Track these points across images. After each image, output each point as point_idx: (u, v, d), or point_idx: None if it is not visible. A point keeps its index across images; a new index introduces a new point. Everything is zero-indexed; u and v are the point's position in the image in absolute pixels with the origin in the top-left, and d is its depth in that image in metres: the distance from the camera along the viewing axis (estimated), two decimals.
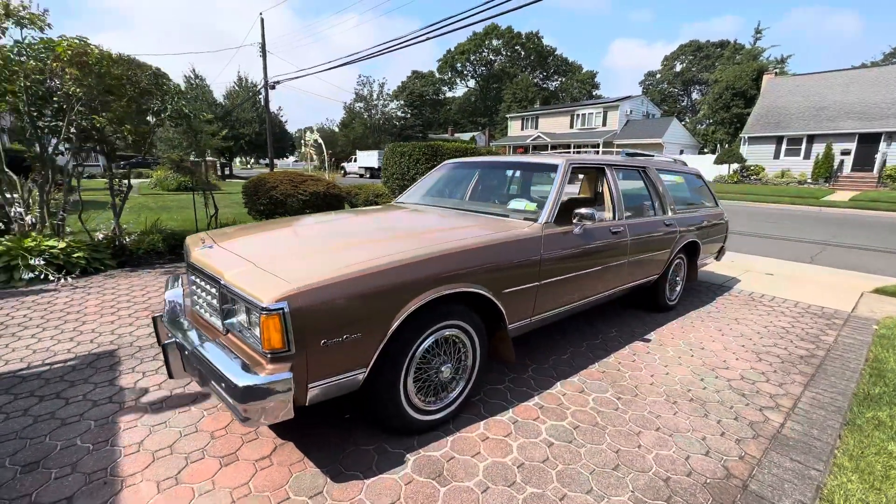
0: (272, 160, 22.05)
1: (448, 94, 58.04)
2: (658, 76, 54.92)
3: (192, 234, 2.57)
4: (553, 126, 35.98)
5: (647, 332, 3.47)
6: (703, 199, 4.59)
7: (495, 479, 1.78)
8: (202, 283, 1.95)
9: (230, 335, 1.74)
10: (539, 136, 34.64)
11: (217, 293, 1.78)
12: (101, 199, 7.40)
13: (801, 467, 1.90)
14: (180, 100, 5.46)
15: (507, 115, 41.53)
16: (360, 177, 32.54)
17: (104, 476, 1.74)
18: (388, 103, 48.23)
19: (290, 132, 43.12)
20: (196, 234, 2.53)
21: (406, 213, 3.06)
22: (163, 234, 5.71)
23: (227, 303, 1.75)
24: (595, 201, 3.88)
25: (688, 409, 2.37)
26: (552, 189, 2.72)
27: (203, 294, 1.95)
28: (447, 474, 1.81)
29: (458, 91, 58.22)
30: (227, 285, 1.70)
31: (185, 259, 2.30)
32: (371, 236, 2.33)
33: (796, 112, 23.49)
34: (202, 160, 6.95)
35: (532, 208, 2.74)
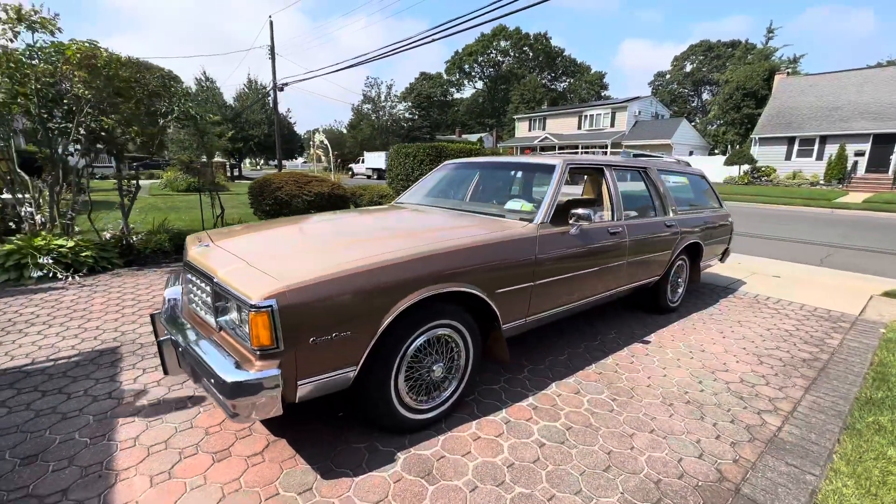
0: (280, 161, 22.25)
1: (456, 95, 58.13)
2: (668, 77, 54.41)
3: (193, 234, 2.61)
4: (561, 127, 35.84)
5: (647, 334, 3.44)
6: (707, 200, 4.54)
7: (484, 479, 1.79)
8: (197, 281, 1.98)
9: (223, 332, 1.77)
10: (546, 138, 34.52)
11: (210, 291, 1.81)
12: (113, 199, 7.53)
13: (796, 472, 1.88)
14: (187, 101, 5.55)
15: (515, 117, 41.46)
16: (368, 178, 32.70)
17: (99, 470, 1.77)
18: (395, 105, 48.46)
19: (298, 134, 43.50)
20: (196, 234, 2.57)
21: (403, 212, 3.07)
22: (169, 234, 5.79)
23: (219, 300, 1.78)
24: (596, 202, 3.86)
25: (684, 412, 2.34)
26: (548, 189, 2.72)
27: (198, 292, 1.98)
28: (436, 473, 1.81)
29: (466, 92, 58.32)
30: (219, 283, 1.73)
31: (183, 258, 2.33)
32: (365, 236, 2.35)
33: (809, 112, 23.12)
34: (210, 161, 7.06)
35: (528, 208, 2.73)
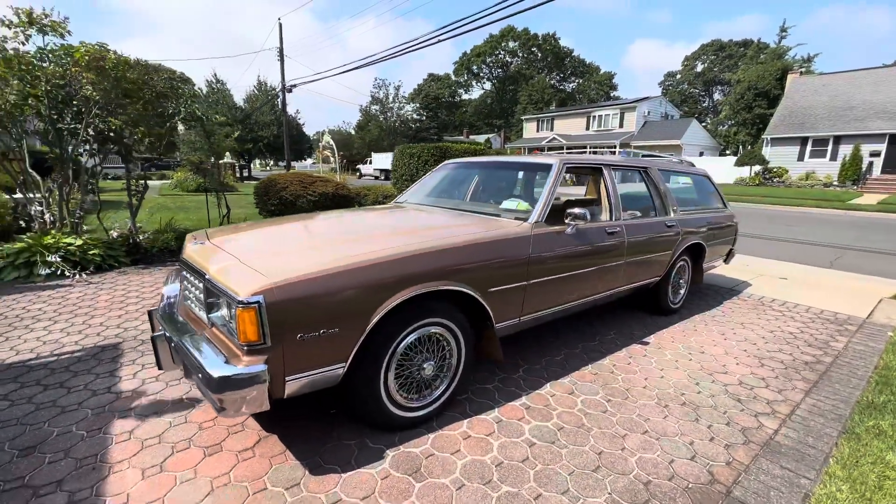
0: (289, 162, 22.47)
1: (464, 96, 58.14)
2: (678, 77, 53.83)
3: (192, 232, 2.65)
4: (569, 128, 35.66)
5: (646, 335, 3.41)
6: (711, 200, 4.48)
7: (471, 477, 1.78)
8: (191, 278, 2.01)
9: (214, 329, 1.79)
10: (554, 138, 34.36)
11: (203, 287, 1.83)
12: (123, 199, 7.68)
13: (790, 475, 1.85)
14: (193, 103, 5.64)
15: (523, 117, 41.33)
16: (376, 178, 32.83)
17: (94, 462, 1.81)
18: (403, 106, 48.59)
19: (308, 135, 43.85)
20: (194, 232, 2.61)
21: (400, 212, 3.08)
22: (176, 233, 5.88)
23: (211, 297, 1.80)
24: (596, 202, 3.83)
25: (679, 413, 2.32)
26: (544, 189, 2.71)
27: (192, 288, 2.01)
28: (424, 471, 1.82)
29: (474, 93, 58.29)
30: (210, 279, 1.76)
31: (180, 255, 2.37)
32: (358, 234, 2.36)
33: (822, 112, 22.71)
34: (216, 162, 7.16)
35: (524, 208, 2.73)
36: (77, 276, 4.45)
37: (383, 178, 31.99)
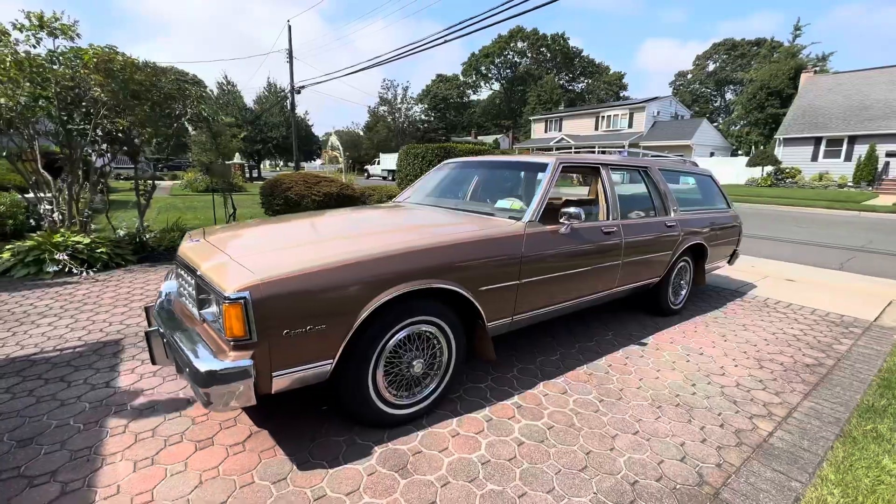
0: (297, 162, 22.67)
1: (472, 97, 58.09)
2: (689, 76, 53.22)
3: (191, 231, 2.70)
4: (577, 128, 35.45)
5: (644, 336, 3.38)
6: (714, 200, 4.42)
7: (457, 475, 1.79)
8: (185, 275, 2.04)
9: (205, 324, 1.82)
10: (563, 139, 34.18)
11: (194, 284, 1.87)
12: (134, 198, 7.83)
13: (781, 478, 1.82)
14: (199, 104, 5.72)
15: (531, 118, 41.18)
16: (384, 179, 32.98)
17: (88, 454, 1.85)
18: (411, 107, 48.72)
19: (317, 135, 44.23)
20: (193, 230, 2.65)
21: (397, 211, 3.10)
22: (182, 232, 5.98)
23: (202, 293, 1.83)
24: (595, 202, 3.81)
25: (672, 415, 2.29)
26: (539, 188, 2.71)
27: (185, 285, 2.04)
28: (410, 468, 1.82)
29: (483, 94, 58.21)
30: (201, 276, 1.79)
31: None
32: (351, 233, 2.38)
33: (836, 111, 22.27)
34: (224, 162, 7.26)
35: (518, 207, 2.72)
36: (84, 274, 4.54)
37: (391, 178, 32.11)
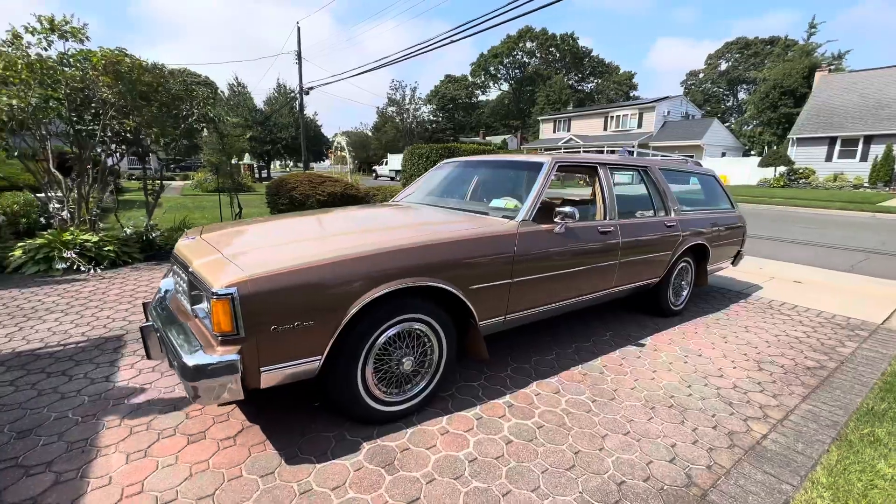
0: (306, 163, 22.86)
1: (481, 97, 58.03)
2: (701, 76, 52.54)
3: (190, 229, 2.74)
4: (586, 128, 35.22)
5: (643, 337, 3.35)
6: (717, 201, 4.37)
7: (443, 472, 1.80)
8: (179, 272, 2.08)
9: (197, 320, 1.86)
10: (571, 139, 33.98)
11: (187, 280, 1.90)
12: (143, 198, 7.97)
13: (772, 480, 1.79)
14: (206, 105, 5.81)
15: (539, 118, 41.01)
16: (392, 179, 33.08)
17: (84, 446, 1.89)
18: (419, 107, 48.80)
19: (326, 136, 44.51)
20: (191, 229, 2.70)
21: (393, 210, 3.12)
22: None
23: (194, 289, 1.87)
24: (593, 202, 3.79)
25: (665, 416, 2.27)
26: (533, 187, 2.70)
27: (180, 281, 2.08)
28: (397, 464, 1.84)
29: (492, 94, 58.11)
30: (193, 272, 1.82)
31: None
32: (345, 231, 2.40)
33: (852, 111, 21.82)
34: (230, 162, 7.36)
35: (512, 206, 2.72)
36: (92, 271, 4.64)
37: (398, 178, 32.21)
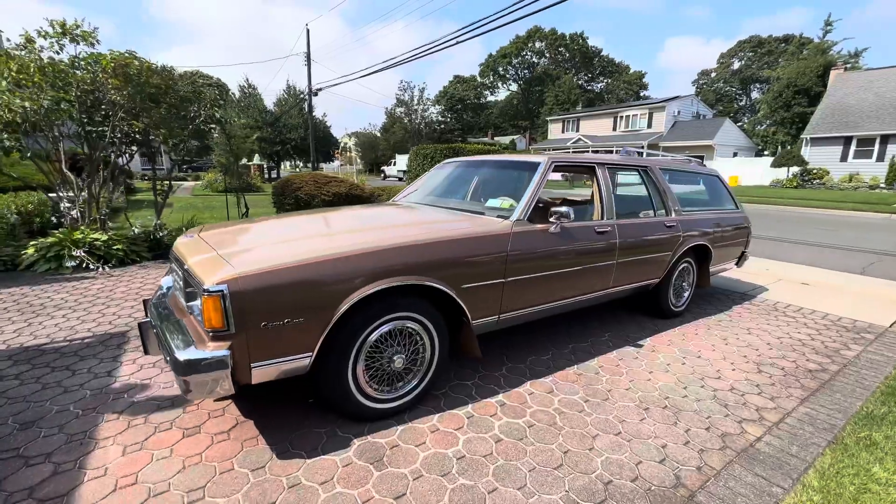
0: (314, 163, 23.06)
1: (490, 98, 57.94)
2: (713, 75, 51.85)
3: (192, 228, 2.80)
4: (595, 128, 34.96)
5: (642, 338, 3.33)
6: (721, 201, 4.32)
7: (431, 469, 1.81)
8: (176, 269, 2.13)
9: (191, 316, 1.90)
10: (580, 139, 33.77)
11: (183, 277, 1.94)
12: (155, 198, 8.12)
13: (763, 483, 1.78)
14: (212, 106, 5.91)
15: (548, 118, 40.80)
16: (400, 180, 33.16)
17: (83, 438, 1.94)
18: (428, 108, 48.86)
19: (335, 137, 44.82)
20: (192, 228, 2.75)
21: (389, 209, 3.15)
22: None
23: (189, 286, 1.91)
24: (591, 202, 3.78)
25: (658, 417, 2.26)
26: (528, 187, 2.71)
27: (177, 278, 2.13)
28: (386, 460, 1.86)
29: (500, 95, 57.98)
30: (187, 269, 1.86)
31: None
32: (338, 230, 2.43)
33: (868, 110, 21.35)
34: (237, 163, 7.46)
35: (507, 206, 2.73)
36: (100, 269, 4.74)
37: (405, 179, 32.29)
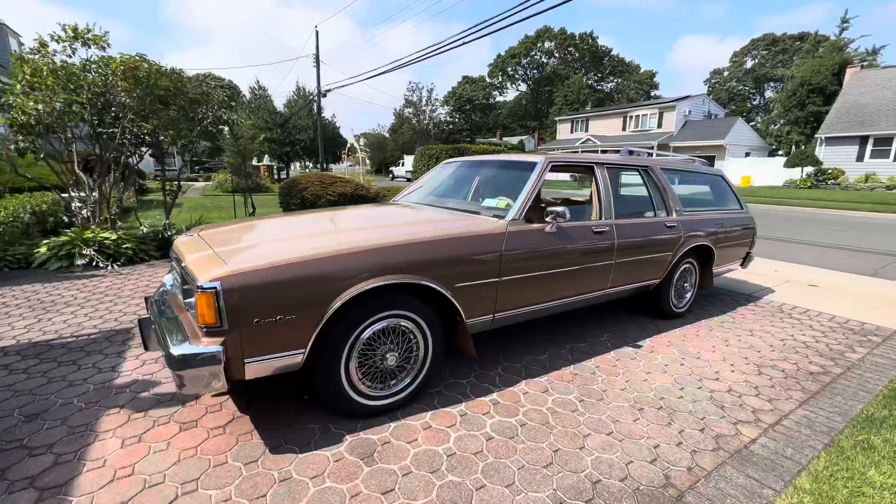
0: (322, 164, 23.27)
1: (498, 98, 57.84)
2: (726, 74, 51.14)
3: (193, 227, 2.86)
4: (604, 128, 34.70)
5: (641, 339, 3.31)
6: (725, 201, 4.27)
7: (420, 465, 1.83)
8: (176, 267, 2.18)
9: (188, 312, 1.94)
10: (589, 140, 33.55)
11: (181, 274, 1.99)
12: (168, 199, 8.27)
13: (754, 485, 1.76)
14: (220, 108, 6.01)
15: (556, 118, 40.60)
16: (408, 180, 33.31)
17: (84, 430, 2.00)
18: (436, 108, 48.96)
19: (344, 137, 45.16)
20: (194, 227, 2.81)
21: (387, 209, 3.17)
22: None
23: (186, 283, 1.95)
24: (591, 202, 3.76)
25: (651, 417, 2.25)
26: (525, 186, 2.71)
27: (176, 276, 2.18)
28: (377, 456, 1.88)
29: (509, 95, 57.86)
30: (185, 267, 1.91)
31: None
32: (334, 229, 2.46)
33: (885, 108, 20.87)
34: (244, 163, 7.58)
35: (504, 205, 2.73)
36: (109, 268, 4.85)
37: (412, 179, 32.39)
